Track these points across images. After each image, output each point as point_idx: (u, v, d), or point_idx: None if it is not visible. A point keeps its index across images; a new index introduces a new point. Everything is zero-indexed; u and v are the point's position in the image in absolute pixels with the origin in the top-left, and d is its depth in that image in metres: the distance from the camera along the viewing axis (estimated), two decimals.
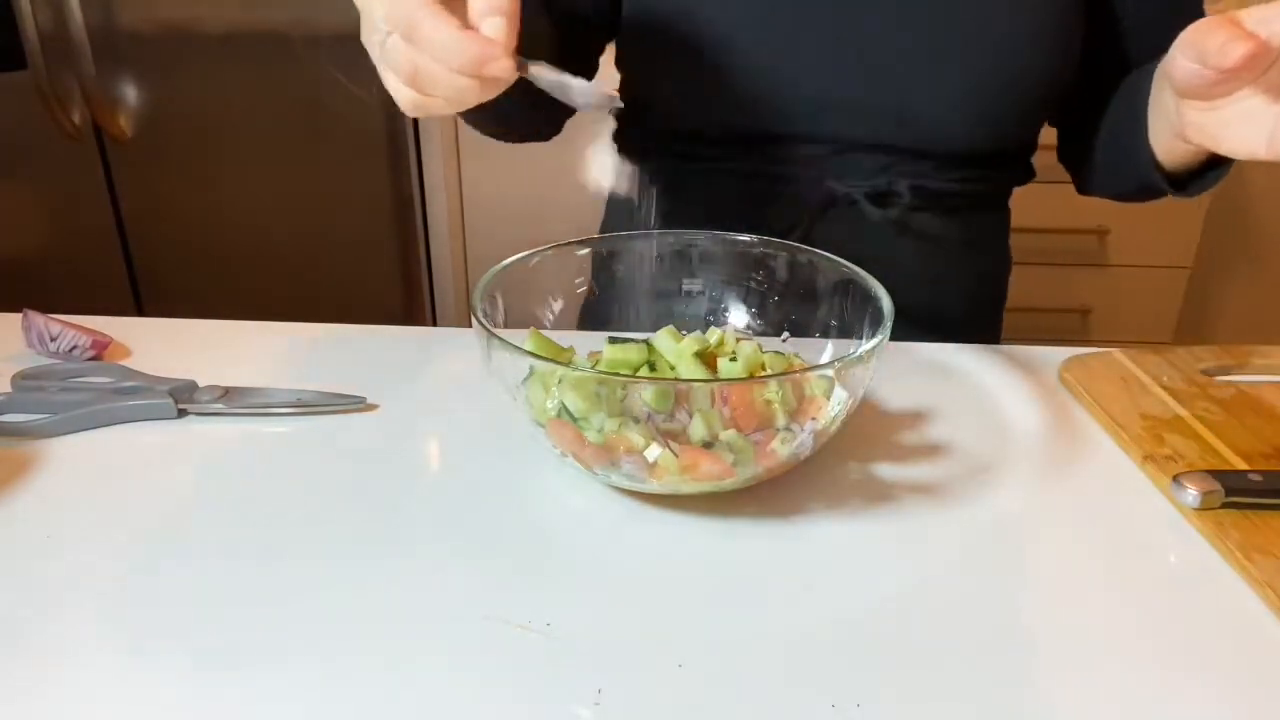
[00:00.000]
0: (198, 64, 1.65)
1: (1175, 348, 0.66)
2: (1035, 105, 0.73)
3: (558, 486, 0.53)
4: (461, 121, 0.68)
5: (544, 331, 0.57)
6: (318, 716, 0.38)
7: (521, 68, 0.47)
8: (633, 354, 0.56)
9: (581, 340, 0.59)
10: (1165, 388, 0.62)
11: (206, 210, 1.76)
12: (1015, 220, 0.85)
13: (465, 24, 0.45)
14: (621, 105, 0.51)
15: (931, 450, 0.57)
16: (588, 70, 0.76)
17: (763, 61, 0.71)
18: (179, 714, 0.38)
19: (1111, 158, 0.73)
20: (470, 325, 0.51)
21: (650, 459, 0.47)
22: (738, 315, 0.64)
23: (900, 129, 0.72)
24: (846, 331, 0.58)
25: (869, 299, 0.54)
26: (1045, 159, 0.81)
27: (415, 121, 1.71)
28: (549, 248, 0.60)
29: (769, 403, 0.49)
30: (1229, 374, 0.64)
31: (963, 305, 0.82)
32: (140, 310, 1.82)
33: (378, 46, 0.48)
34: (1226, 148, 0.50)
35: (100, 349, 0.66)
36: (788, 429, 0.49)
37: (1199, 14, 0.53)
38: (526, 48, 0.48)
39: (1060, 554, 0.48)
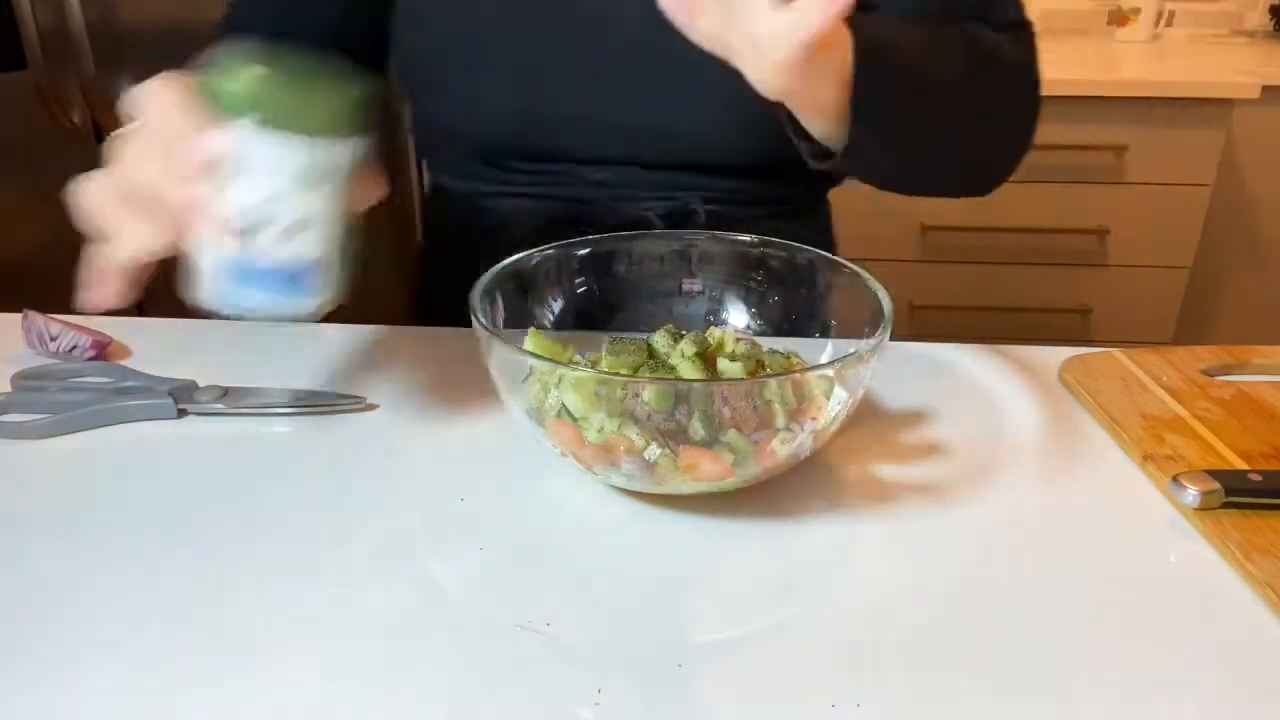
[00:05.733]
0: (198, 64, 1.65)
1: (1175, 348, 0.66)
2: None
3: (558, 486, 0.53)
4: None
5: (544, 331, 0.57)
6: (317, 715, 0.38)
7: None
8: (633, 354, 0.56)
9: (581, 340, 0.59)
10: (1165, 388, 0.62)
11: None
12: (1016, 220, 0.85)
13: None
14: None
15: (931, 450, 0.57)
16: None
17: (517, 81, 0.71)
18: (178, 712, 0.38)
19: None
20: (470, 325, 0.51)
21: (650, 459, 0.47)
22: (738, 315, 0.64)
23: (667, 146, 0.72)
24: (846, 331, 0.58)
25: (869, 299, 0.54)
26: (1038, 159, 0.81)
27: None
28: (549, 248, 0.60)
29: (769, 403, 0.49)
30: (1229, 374, 0.64)
31: None
32: (140, 310, 1.81)
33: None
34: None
35: (100, 349, 0.66)
36: (788, 429, 0.49)
37: None
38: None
39: (1060, 554, 0.48)
